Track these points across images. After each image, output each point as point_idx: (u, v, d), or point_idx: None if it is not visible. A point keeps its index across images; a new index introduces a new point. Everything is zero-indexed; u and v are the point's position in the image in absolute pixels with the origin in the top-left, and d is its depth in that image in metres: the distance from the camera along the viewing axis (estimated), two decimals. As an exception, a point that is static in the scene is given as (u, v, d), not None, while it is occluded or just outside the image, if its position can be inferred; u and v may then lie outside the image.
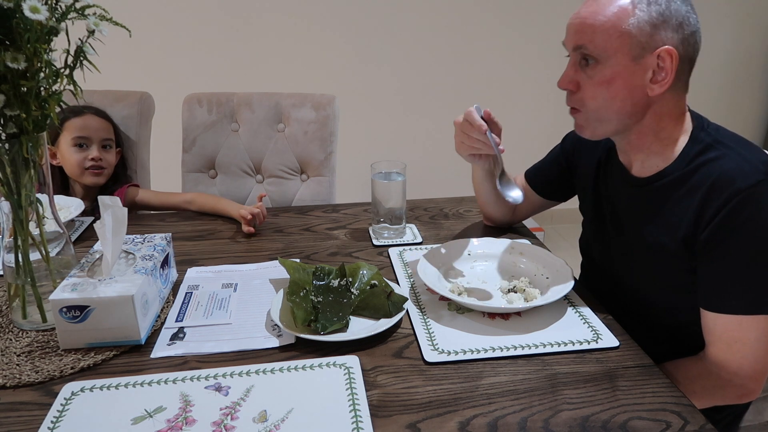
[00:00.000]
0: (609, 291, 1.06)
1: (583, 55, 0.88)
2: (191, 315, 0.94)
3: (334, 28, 2.61)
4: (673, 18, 0.83)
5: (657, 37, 0.83)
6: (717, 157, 0.86)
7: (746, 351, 0.84)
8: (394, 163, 1.22)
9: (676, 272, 0.92)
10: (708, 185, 0.84)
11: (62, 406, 0.72)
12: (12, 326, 0.90)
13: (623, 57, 0.85)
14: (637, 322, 0.97)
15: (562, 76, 0.93)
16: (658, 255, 0.93)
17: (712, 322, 0.87)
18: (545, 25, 2.78)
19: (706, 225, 0.84)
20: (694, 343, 0.92)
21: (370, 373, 0.79)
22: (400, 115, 2.82)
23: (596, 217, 1.09)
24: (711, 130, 0.91)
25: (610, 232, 1.04)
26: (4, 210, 0.86)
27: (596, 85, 0.88)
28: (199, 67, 2.56)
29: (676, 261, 0.90)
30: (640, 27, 0.83)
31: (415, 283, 1.04)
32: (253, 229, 1.29)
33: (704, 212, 0.84)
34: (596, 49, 0.86)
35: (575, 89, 0.92)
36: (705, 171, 0.86)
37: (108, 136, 1.48)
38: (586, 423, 0.70)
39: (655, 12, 0.83)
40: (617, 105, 0.88)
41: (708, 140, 0.89)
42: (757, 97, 3.15)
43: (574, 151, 1.15)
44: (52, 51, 0.79)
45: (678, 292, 0.93)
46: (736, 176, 0.82)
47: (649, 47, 0.84)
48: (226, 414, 0.71)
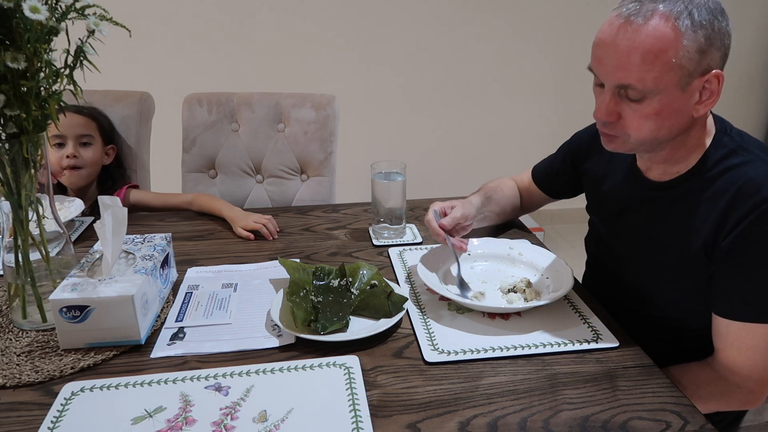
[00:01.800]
0: (613, 290, 1.05)
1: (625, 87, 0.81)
2: (191, 315, 0.94)
3: (334, 28, 2.61)
4: (717, 38, 0.78)
5: (704, 62, 0.78)
6: (742, 163, 0.84)
7: (757, 359, 0.83)
8: (394, 163, 1.22)
9: (689, 277, 0.90)
10: (733, 192, 0.82)
11: (62, 406, 0.72)
12: (12, 326, 0.90)
13: (672, 89, 0.79)
14: (641, 323, 0.97)
15: (599, 107, 0.85)
16: (672, 259, 0.91)
17: (724, 328, 0.85)
18: (546, 25, 2.78)
19: (729, 232, 0.82)
20: (698, 345, 0.91)
21: (370, 373, 0.79)
22: (400, 115, 2.82)
23: (605, 218, 1.08)
24: (734, 134, 0.88)
25: (620, 233, 1.02)
26: (4, 210, 0.86)
27: (642, 117, 0.82)
28: (199, 67, 2.56)
29: (692, 266, 0.88)
30: (690, 57, 0.77)
31: (415, 283, 1.04)
32: (252, 236, 1.26)
33: (728, 219, 0.82)
34: (645, 88, 0.79)
35: (616, 120, 0.85)
36: (729, 177, 0.84)
37: (85, 132, 1.43)
38: (586, 423, 0.70)
39: (702, 37, 0.76)
40: (663, 132, 0.84)
41: (732, 145, 0.86)
42: (757, 97, 3.15)
43: (581, 150, 1.14)
44: (52, 51, 0.79)
45: (687, 296, 0.92)
46: (762, 184, 0.80)
47: (697, 73, 0.78)
48: (226, 414, 0.71)
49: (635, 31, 0.77)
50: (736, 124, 0.92)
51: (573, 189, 1.21)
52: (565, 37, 2.80)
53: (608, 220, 1.07)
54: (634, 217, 0.98)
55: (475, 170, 2.95)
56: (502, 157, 2.96)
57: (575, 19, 2.77)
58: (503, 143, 2.95)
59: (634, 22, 0.77)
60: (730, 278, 0.84)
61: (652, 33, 0.76)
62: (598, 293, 1.05)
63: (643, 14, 0.77)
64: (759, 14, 2.97)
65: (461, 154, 2.94)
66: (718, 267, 0.85)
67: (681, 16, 0.76)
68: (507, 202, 1.26)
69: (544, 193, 1.26)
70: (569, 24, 2.78)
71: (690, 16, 0.76)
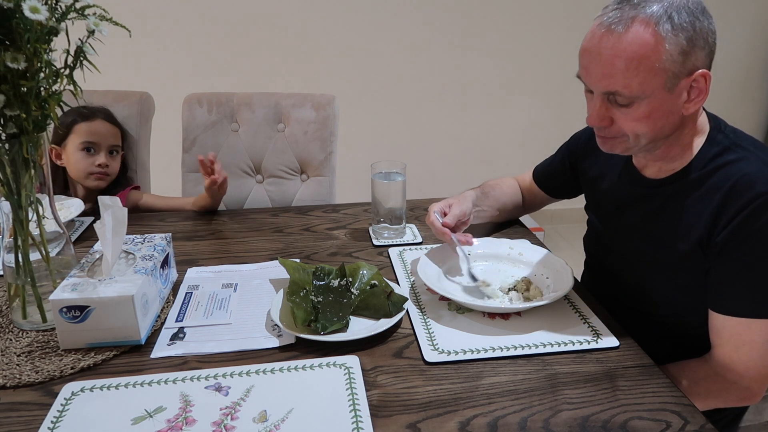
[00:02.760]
0: (612, 289, 1.06)
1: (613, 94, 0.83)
2: (191, 315, 0.94)
3: (334, 28, 2.61)
4: (700, 38, 0.79)
5: (689, 63, 0.79)
6: (736, 159, 0.85)
7: (753, 354, 0.84)
8: (394, 163, 1.22)
9: (686, 273, 0.91)
10: (727, 188, 0.83)
11: (62, 406, 0.72)
12: (12, 326, 0.90)
13: (659, 91, 0.81)
14: (640, 321, 0.97)
15: (591, 114, 0.87)
16: (669, 256, 0.91)
17: (720, 324, 0.86)
18: (546, 25, 2.78)
19: (724, 227, 0.82)
20: (697, 343, 0.92)
21: (370, 373, 0.79)
22: (400, 114, 2.82)
23: (602, 216, 1.09)
24: (728, 132, 0.89)
25: (618, 231, 1.03)
26: (4, 210, 0.86)
27: (633, 120, 0.84)
28: (199, 67, 2.56)
29: (688, 262, 0.89)
30: (673, 60, 0.78)
31: (415, 283, 1.04)
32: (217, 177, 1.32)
33: (722, 215, 0.83)
34: (631, 93, 0.81)
35: (609, 125, 0.87)
36: (724, 173, 0.85)
37: (116, 142, 1.49)
38: (586, 423, 0.70)
39: (684, 39, 0.78)
40: (656, 132, 0.85)
41: (726, 142, 0.87)
42: (755, 97, 3.15)
43: (579, 150, 1.15)
44: (52, 51, 0.79)
45: (684, 293, 0.93)
46: (756, 180, 0.81)
47: (683, 74, 0.80)
48: (226, 414, 0.71)
49: (617, 39, 0.79)
50: (734, 123, 0.93)
51: (573, 189, 1.22)
52: (565, 37, 2.80)
53: (605, 218, 1.08)
54: (631, 215, 0.99)
55: (475, 170, 2.95)
56: (502, 157, 2.96)
57: (575, 19, 2.77)
58: (503, 143, 2.95)
59: (615, 30, 0.79)
60: (726, 274, 0.85)
61: (633, 40, 0.78)
62: (597, 292, 1.05)
63: (623, 22, 0.78)
64: (757, 13, 2.97)
65: (461, 154, 2.95)
66: (713, 263, 0.86)
67: (661, 21, 0.77)
68: (506, 198, 1.27)
69: (545, 193, 1.28)
70: (569, 24, 2.78)
71: (670, 20, 0.77)
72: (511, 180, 1.32)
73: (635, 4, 0.79)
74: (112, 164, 1.47)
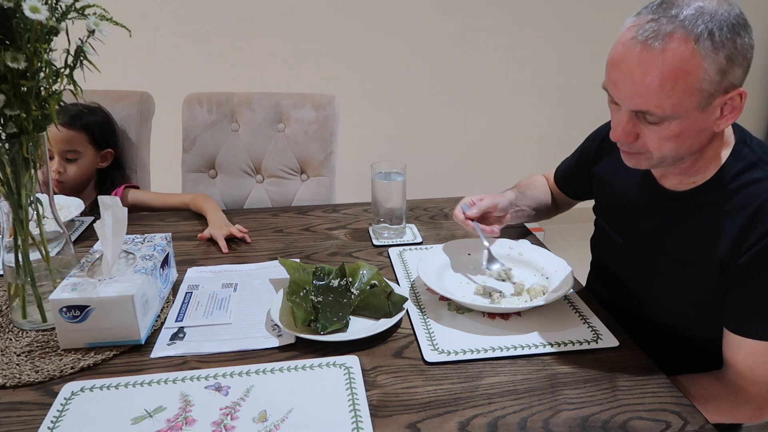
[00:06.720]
0: (618, 293, 1.04)
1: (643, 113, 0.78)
2: (191, 315, 0.94)
3: (334, 28, 2.61)
4: (740, 55, 0.74)
5: (726, 81, 0.74)
6: (763, 178, 0.81)
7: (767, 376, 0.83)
8: (394, 163, 1.22)
9: (698, 288, 0.88)
10: (754, 208, 0.80)
11: (62, 406, 0.72)
12: (12, 326, 0.90)
13: (692, 111, 0.76)
14: (644, 328, 0.95)
15: (615, 128, 0.82)
16: (684, 270, 0.89)
17: (736, 344, 0.84)
18: (546, 25, 2.78)
19: (748, 249, 0.79)
20: (702, 355, 0.91)
21: (370, 373, 0.80)
22: (400, 115, 2.82)
23: (613, 221, 1.05)
24: (755, 145, 0.85)
25: (629, 238, 1.00)
26: (4, 210, 0.86)
27: (661, 139, 0.79)
28: (199, 67, 2.56)
29: (705, 279, 0.86)
30: (710, 80, 0.73)
31: (415, 283, 1.04)
32: (227, 250, 1.19)
33: (748, 236, 0.80)
34: (663, 114, 0.76)
35: (634, 140, 0.82)
36: (749, 192, 0.81)
37: (69, 148, 1.41)
38: (586, 423, 0.70)
39: (724, 57, 0.72)
40: (684, 150, 0.81)
41: (752, 158, 0.83)
42: (758, 97, 3.15)
43: (592, 152, 1.12)
44: (52, 51, 0.80)
45: (693, 307, 0.91)
46: None
47: (718, 92, 0.75)
48: (226, 414, 0.71)
49: (652, 56, 0.73)
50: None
51: (589, 191, 1.18)
52: (565, 37, 2.80)
53: (617, 223, 1.04)
54: (646, 224, 0.96)
55: (475, 170, 2.95)
56: (502, 157, 2.96)
57: (575, 19, 2.77)
58: (503, 143, 2.95)
59: (651, 46, 0.73)
60: (747, 296, 0.82)
61: (670, 59, 0.72)
62: (602, 295, 1.04)
63: (660, 37, 0.73)
64: (757, 13, 2.97)
65: (461, 154, 2.94)
66: (734, 284, 0.83)
67: (701, 38, 0.72)
68: (541, 197, 1.25)
69: (565, 195, 1.25)
70: (569, 24, 2.78)
71: (711, 37, 0.72)
72: (541, 178, 1.29)
73: (673, 15, 0.73)
74: (69, 170, 1.42)
